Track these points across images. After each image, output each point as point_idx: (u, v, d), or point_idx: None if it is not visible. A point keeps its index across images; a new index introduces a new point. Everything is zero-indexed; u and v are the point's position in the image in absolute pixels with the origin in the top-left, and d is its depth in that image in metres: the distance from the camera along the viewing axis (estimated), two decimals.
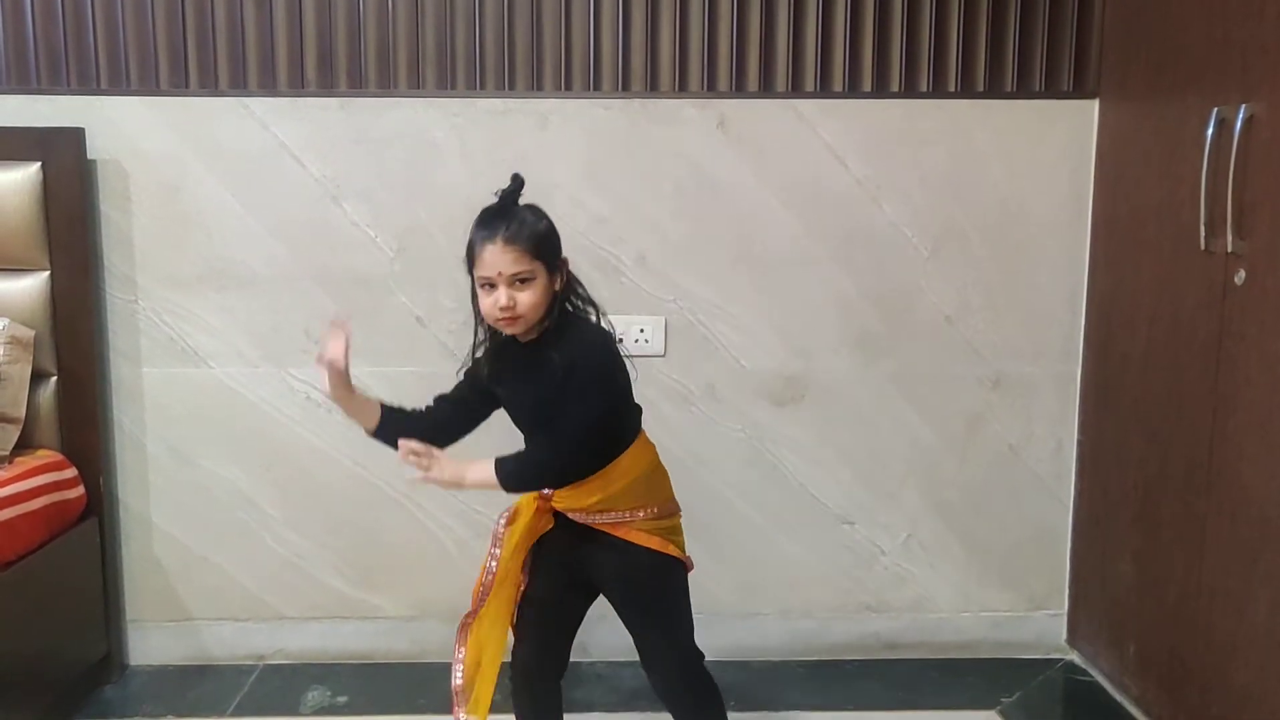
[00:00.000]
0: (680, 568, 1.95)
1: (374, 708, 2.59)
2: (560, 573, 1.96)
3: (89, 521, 2.61)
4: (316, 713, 2.57)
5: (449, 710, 2.57)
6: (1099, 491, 2.70)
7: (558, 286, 1.84)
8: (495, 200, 1.83)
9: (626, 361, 1.89)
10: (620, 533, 1.89)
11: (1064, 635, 2.87)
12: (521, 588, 1.98)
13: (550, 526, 1.93)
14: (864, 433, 2.78)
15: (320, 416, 2.72)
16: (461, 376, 1.97)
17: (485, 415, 1.97)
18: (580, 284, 1.90)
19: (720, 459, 2.78)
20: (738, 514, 2.81)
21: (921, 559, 2.84)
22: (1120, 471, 2.58)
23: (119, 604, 2.75)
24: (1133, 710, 2.54)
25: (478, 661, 1.98)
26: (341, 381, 1.90)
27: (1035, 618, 2.87)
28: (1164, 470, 2.38)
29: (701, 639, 1.99)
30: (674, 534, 1.95)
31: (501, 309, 1.78)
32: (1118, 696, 2.62)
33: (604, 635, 1.98)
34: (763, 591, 2.83)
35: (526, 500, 1.93)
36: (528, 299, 1.78)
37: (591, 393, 1.80)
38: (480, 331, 1.92)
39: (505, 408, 1.94)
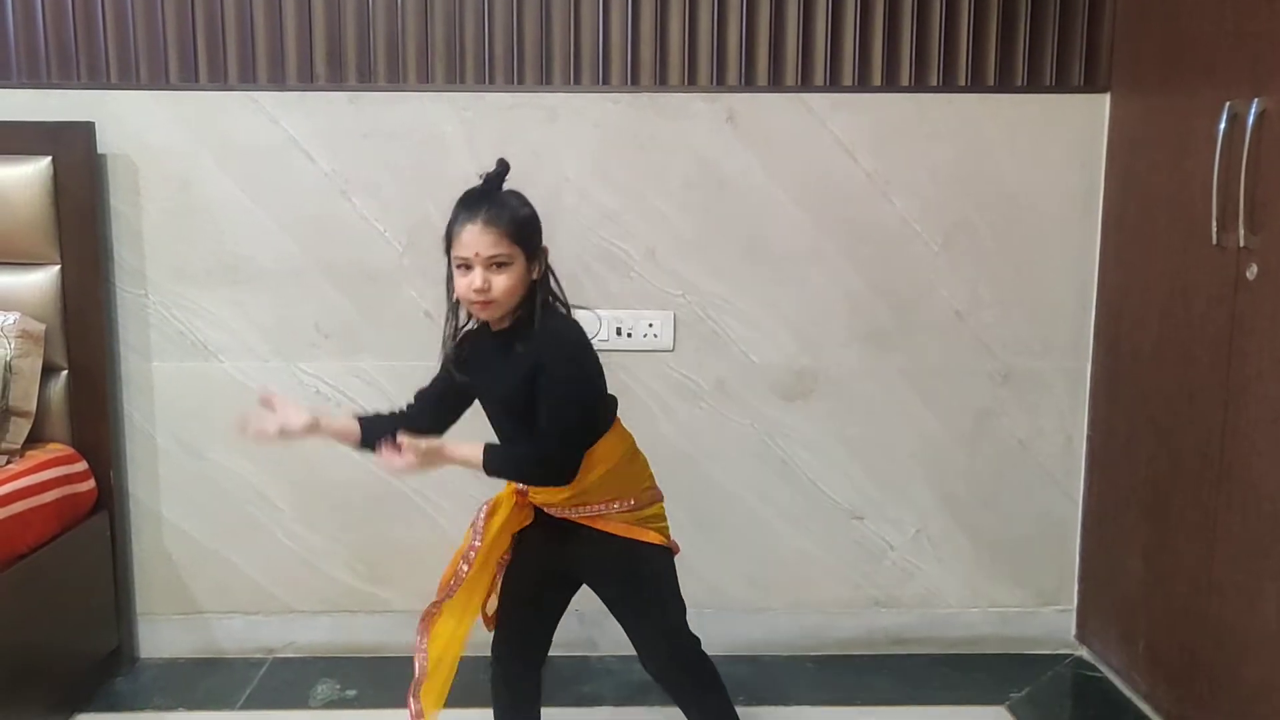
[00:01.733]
0: (663, 553, 1.93)
1: (383, 701, 2.59)
2: (540, 565, 1.96)
3: (99, 515, 2.62)
4: (326, 706, 2.58)
5: (456, 704, 2.57)
6: (1108, 487, 2.69)
7: (535, 275, 1.82)
8: (479, 183, 1.83)
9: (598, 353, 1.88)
10: (599, 525, 1.87)
11: (1073, 631, 2.86)
12: (497, 580, 1.98)
13: (529, 520, 1.93)
14: (873, 427, 2.78)
15: (330, 411, 2.71)
16: (439, 368, 1.94)
17: (464, 408, 1.95)
18: (555, 276, 1.88)
19: (729, 454, 2.78)
20: (747, 509, 2.81)
21: (930, 554, 2.84)
22: (1130, 467, 2.57)
23: (129, 597, 2.76)
24: (1142, 706, 2.54)
25: (440, 654, 1.96)
26: (306, 430, 1.88)
27: (1044, 613, 2.87)
28: (1174, 465, 2.37)
29: (710, 633, 1.99)
30: (655, 520, 1.93)
31: (476, 290, 1.76)
32: (1127, 692, 2.61)
33: (612, 629, 1.98)
34: (772, 586, 2.83)
35: (506, 494, 1.93)
36: (503, 283, 1.77)
37: (569, 395, 1.78)
38: (454, 317, 1.89)
39: (479, 399, 1.92)
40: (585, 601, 2.01)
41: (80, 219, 2.56)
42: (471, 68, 2.64)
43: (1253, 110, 2.05)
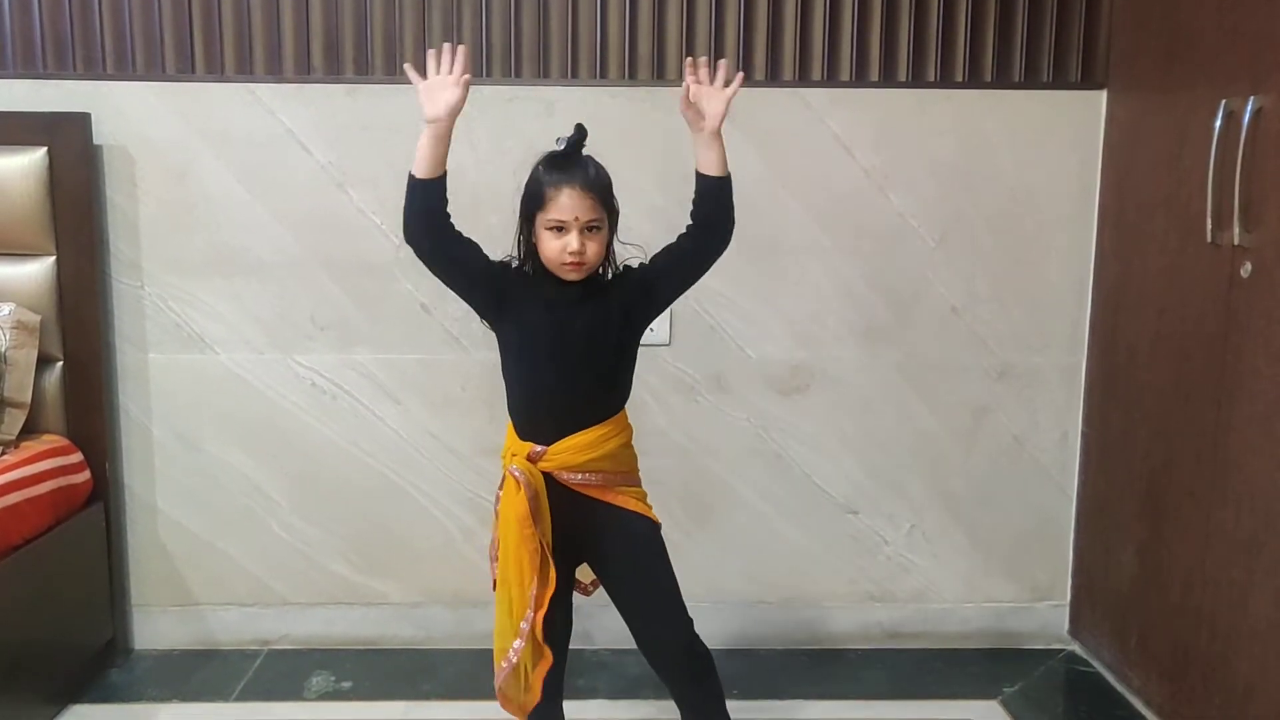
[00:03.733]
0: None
1: (378, 693, 2.60)
2: (560, 549, 1.92)
3: (95, 506, 2.61)
4: (321, 698, 2.58)
5: (452, 696, 2.59)
6: (1103, 483, 2.70)
7: (611, 240, 1.89)
8: (561, 147, 1.86)
9: None
10: (618, 500, 1.90)
11: (1066, 626, 2.87)
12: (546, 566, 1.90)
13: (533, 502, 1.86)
14: (869, 423, 2.78)
15: (326, 403, 2.72)
16: (491, 258, 1.90)
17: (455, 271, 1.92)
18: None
19: (726, 448, 2.79)
20: (743, 503, 2.81)
21: (925, 549, 2.84)
22: (1125, 463, 2.58)
23: (124, 588, 2.76)
24: (1134, 701, 2.55)
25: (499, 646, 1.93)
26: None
27: (1038, 608, 2.88)
28: (1168, 462, 2.38)
29: (704, 627, 1.99)
30: (647, 500, 1.98)
31: (572, 253, 1.81)
32: (1119, 687, 2.62)
33: (608, 623, 1.99)
34: (766, 580, 2.83)
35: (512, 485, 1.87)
36: (595, 248, 1.84)
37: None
38: (522, 268, 1.91)
39: (526, 330, 1.89)
40: (579, 596, 2.01)
41: (76, 210, 2.55)
42: (469, 60, 2.62)
43: (1249, 108, 2.06)
